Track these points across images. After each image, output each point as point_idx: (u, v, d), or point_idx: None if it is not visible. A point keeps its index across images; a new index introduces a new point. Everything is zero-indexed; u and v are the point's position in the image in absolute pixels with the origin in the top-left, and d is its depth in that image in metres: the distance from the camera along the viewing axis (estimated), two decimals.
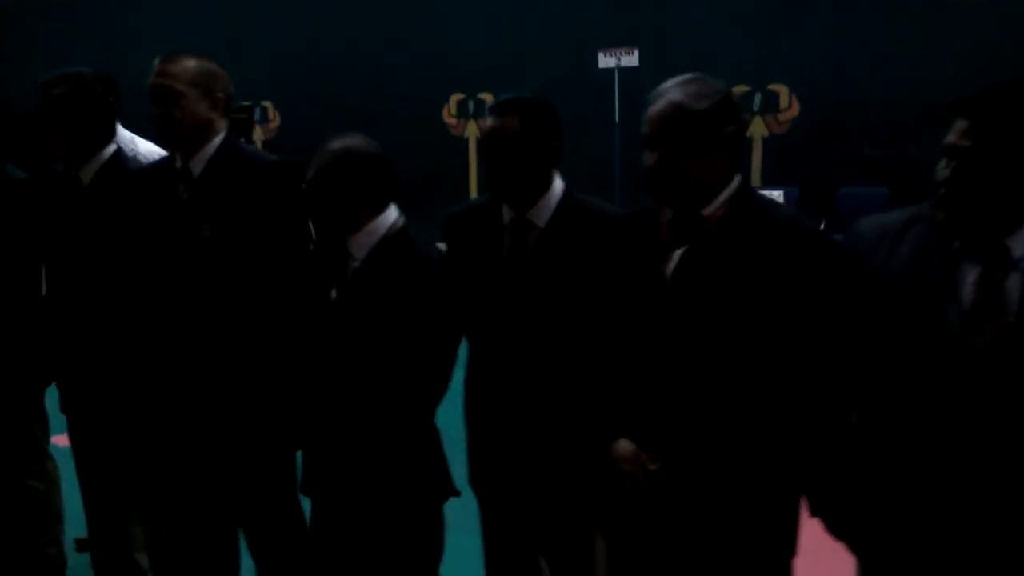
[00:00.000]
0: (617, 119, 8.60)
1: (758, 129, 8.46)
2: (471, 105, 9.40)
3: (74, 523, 3.28)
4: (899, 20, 7.80)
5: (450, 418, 2.25)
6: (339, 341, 2.16)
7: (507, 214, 2.25)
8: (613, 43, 8.50)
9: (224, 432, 2.47)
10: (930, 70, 7.64)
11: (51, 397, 3.01)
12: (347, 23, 9.49)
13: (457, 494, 2.25)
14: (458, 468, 2.26)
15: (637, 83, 8.58)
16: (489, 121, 2.17)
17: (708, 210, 1.87)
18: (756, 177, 8.48)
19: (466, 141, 9.43)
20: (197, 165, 2.45)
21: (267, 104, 9.89)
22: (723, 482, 1.85)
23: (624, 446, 1.93)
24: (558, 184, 2.24)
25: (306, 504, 2.40)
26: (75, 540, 3.40)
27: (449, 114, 9.47)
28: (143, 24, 9.80)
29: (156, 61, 2.43)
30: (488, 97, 9.28)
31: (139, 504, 2.86)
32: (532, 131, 2.15)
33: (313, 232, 2.28)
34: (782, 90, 8.25)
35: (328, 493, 2.27)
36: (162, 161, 2.63)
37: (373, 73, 9.48)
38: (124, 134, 2.93)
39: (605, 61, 8.69)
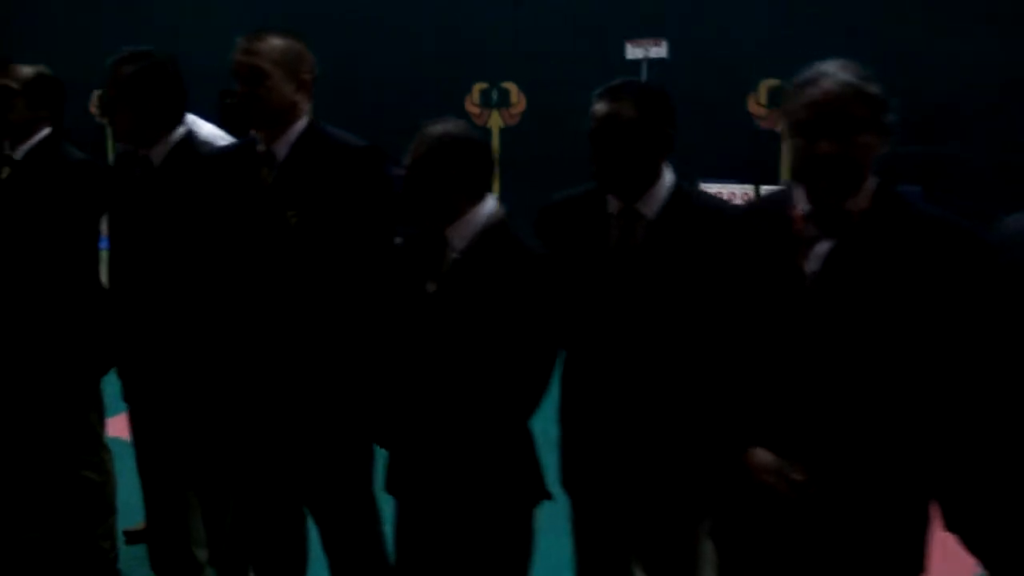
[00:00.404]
0: None
1: None
2: (494, 94, 9.26)
3: (124, 514, 3.19)
4: (938, 14, 7.69)
5: (539, 418, 2.16)
6: (438, 335, 2.07)
7: (613, 204, 2.15)
8: (640, 34, 8.36)
9: (302, 423, 2.38)
10: (964, 67, 7.54)
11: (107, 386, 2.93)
12: (367, 9, 9.35)
13: (550, 497, 2.16)
14: (548, 469, 2.17)
15: (666, 76, 8.47)
16: (602, 107, 2.07)
17: (850, 203, 1.77)
18: (785, 173, 8.36)
19: (489, 131, 9.29)
20: (281, 148, 2.35)
21: None
22: (866, 494, 1.75)
23: (763, 456, 1.83)
24: (668, 174, 2.15)
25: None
26: (124, 532, 3.30)
27: (472, 103, 9.33)
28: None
29: (240, 39, 2.33)
30: (512, 87, 9.15)
31: (205, 496, 2.77)
32: (647, 118, 2.05)
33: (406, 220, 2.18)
34: None
35: (416, 493, 2.18)
36: (238, 144, 2.53)
37: (394, 61, 9.34)
38: (186, 116, 2.83)
39: (633, 52, 8.56)
